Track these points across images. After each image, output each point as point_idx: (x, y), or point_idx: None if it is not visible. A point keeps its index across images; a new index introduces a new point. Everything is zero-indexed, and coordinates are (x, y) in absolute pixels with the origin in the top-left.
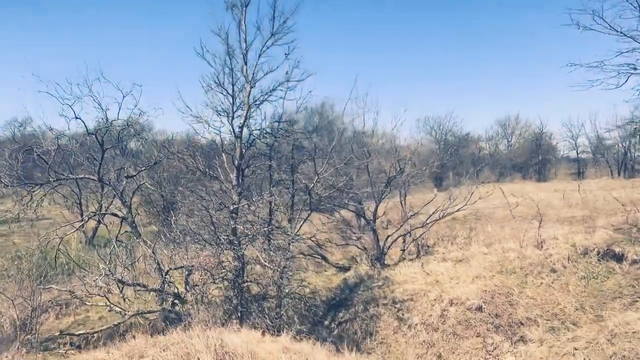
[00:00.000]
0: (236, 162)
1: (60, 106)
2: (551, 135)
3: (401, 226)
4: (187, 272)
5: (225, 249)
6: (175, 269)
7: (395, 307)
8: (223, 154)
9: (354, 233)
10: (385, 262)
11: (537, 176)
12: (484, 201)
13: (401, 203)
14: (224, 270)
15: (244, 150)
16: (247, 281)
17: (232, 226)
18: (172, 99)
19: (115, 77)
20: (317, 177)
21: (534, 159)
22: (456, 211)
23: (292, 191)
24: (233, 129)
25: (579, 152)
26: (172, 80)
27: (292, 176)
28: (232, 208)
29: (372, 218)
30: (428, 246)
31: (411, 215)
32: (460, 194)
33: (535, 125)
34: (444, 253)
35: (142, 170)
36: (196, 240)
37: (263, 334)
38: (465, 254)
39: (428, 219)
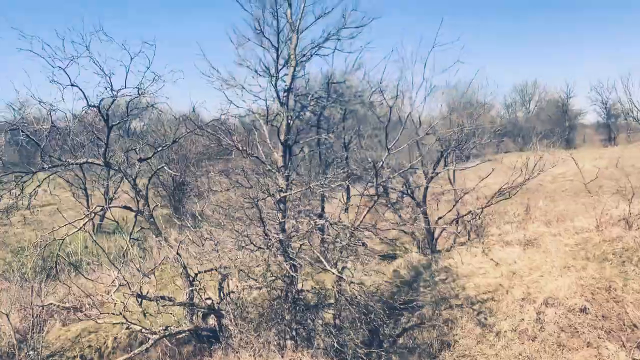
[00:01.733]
0: (282, 137)
1: (51, 69)
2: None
3: (454, 206)
4: (221, 277)
5: (278, 253)
6: (205, 271)
7: (473, 309)
8: (264, 127)
9: (399, 215)
10: (437, 248)
11: (565, 144)
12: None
13: (450, 180)
14: (272, 277)
15: (290, 122)
16: (303, 290)
17: (280, 220)
18: (189, 65)
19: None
20: (387, 154)
21: (560, 126)
22: (522, 184)
23: (347, 172)
24: (277, 94)
25: (610, 116)
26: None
27: (346, 152)
28: (278, 197)
29: (422, 198)
30: (477, 226)
31: (465, 193)
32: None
33: (561, 90)
34: (500, 235)
35: (158, 151)
36: (244, 245)
37: None
38: (528, 236)
39: (493, 197)
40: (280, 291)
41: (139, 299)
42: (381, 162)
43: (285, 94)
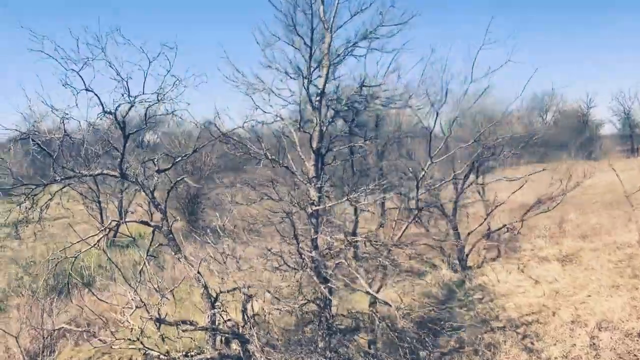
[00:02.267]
0: (314, 145)
1: (64, 72)
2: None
3: (485, 219)
4: (245, 299)
5: (312, 273)
6: (228, 291)
7: (517, 333)
8: (294, 134)
9: (428, 229)
10: (467, 264)
11: (586, 155)
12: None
13: (479, 192)
14: (304, 300)
15: (324, 128)
16: (338, 315)
17: (313, 237)
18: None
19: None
20: (430, 163)
21: (580, 137)
22: (562, 195)
23: (383, 184)
24: (310, 98)
25: (632, 126)
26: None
27: (381, 161)
28: (310, 210)
29: (452, 211)
30: (508, 241)
31: (497, 205)
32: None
33: (581, 100)
34: (533, 250)
35: (178, 161)
36: (277, 266)
37: None
38: (565, 251)
39: (530, 209)
40: (312, 315)
41: (157, 323)
42: (423, 172)
43: (318, 98)
